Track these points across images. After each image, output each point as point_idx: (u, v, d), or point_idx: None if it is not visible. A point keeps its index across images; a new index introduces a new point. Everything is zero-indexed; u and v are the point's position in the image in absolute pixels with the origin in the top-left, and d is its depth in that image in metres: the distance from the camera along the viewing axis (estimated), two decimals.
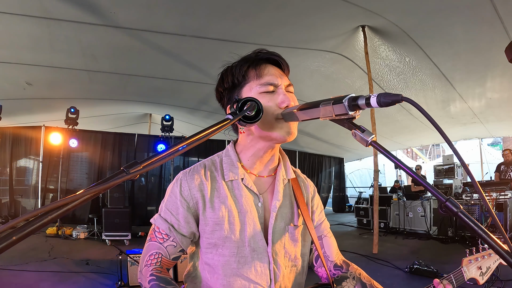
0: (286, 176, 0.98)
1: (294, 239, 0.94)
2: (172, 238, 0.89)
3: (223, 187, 0.90)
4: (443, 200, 0.57)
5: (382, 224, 7.99)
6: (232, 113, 0.75)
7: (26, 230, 0.42)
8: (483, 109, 7.91)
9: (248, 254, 0.87)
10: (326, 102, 0.71)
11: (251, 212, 0.89)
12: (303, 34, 4.87)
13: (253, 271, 0.87)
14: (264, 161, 0.95)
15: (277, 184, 0.95)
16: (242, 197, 0.90)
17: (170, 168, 8.71)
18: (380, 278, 4.21)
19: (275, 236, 0.90)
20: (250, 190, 0.91)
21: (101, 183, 0.49)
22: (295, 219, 0.95)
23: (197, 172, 0.92)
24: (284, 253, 0.91)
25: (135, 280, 3.83)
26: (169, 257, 0.90)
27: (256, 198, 0.91)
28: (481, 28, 4.49)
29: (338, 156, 14.12)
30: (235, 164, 0.93)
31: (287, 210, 0.95)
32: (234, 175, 0.91)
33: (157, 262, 0.89)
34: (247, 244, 0.87)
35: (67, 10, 3.95)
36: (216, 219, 0.87)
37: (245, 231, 0.88)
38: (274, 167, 0.98)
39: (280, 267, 0.90)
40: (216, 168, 0.95)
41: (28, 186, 7.92)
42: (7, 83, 6.16)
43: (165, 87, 6.75)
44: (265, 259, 0.88)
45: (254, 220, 0.89)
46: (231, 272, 0.86)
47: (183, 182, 0.90)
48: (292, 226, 0.94)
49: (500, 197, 5.96)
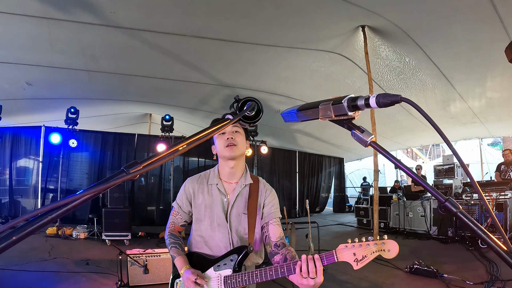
0: (245, 182, 1.56)
1: (242, 221, 1.52)
2: (180, 213, 1.61)
3: (206, 188, 1.57)
4: (442, 200, 0.58)
5: (382, 224, 7.99)
6: (232, 113, 0.75)
7: (26, 230, 0.42)
8: (483, 109, 7.90)
9: (216, 226, 1.51)
10: (325, 102, 0.71)
11: (219, 203, 1.53)
12: (303, 34, 4.87)
13: (219, 236, 1.50)
14: (229, 172, 1.55)
15: (237, 187, 1.55)
16: (214, 195, 1.55)
17: (170, 168, 8.71)
18: (380, 278, 4.22)
19: (232, 218, 1.51)
20: (220, 191, 1.55)
21: (101, 183, 0.49)
22: (244, 209, 1.52)
23: (194, 179, 1.62)
24: (236, 228, 1.51)
25: (135, 280, 3.83)
26: (179, 224, 1.63)
27: (223, 196, 1.54)
28: (481, 28, 4.49)
29: (338, 156, 14.11)
30: (215, 176, 1.58)
31: (240, 203, 1.53)
32: (213, 182, 1.57)
33: (172, 226, 1.63)
34: (215, 221, 1.52)
35: (67, 10, 3.95)
36: (199, 205, 1.56)
37: (214, 213, 1.52)
38: (239, 176, 1.57)
39: (235, 236, 1.50)
40: (206, 176, 1.61)
41: (28, 186, 7.92)
42: (7, 83, 6.16)
43: (165, 87, 6.74)
44: (226, 230, 1.50)
45: (219, 207, 1.52)
46: (207, 235, 1.53)
47: (187, 184, 1.62)
48: (242, 213, 1.52)
49: (500, 197, 5.97)
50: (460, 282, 3.86)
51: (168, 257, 3.99)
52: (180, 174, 9.18)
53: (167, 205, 8.58)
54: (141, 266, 3.82)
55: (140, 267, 3.82)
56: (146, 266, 3.85)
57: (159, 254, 3.97)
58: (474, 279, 3.91)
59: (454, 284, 3.82)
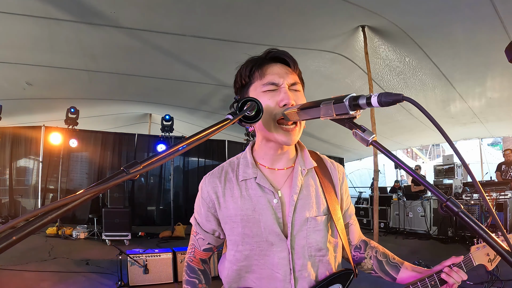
0: (304, 166, 0.98)
1: (318, 229, 0.94)
2: (200, 233, 1.04)
3: (236, 187, 0.95)
4: (444, 200, 0.57)
5: (382, 224, 8.00)
6: (232, 113, 0.74)
7: (26, 230, 0.42)
8: (483, 109, 7.90)
9: (266, 248, 0.91)
10: (326, 101, 0.71)
11: (265, 209, 0.92)
12: (303, 34, 4.86)
13: (271, 264, 0.91)
14: (277, 158, 0.97)
15: (295, 176, 0.95)
16: (255, 196, 0.93)
17: (170, 168, 8.71)
18: (380, 278, 4.21)
19: (295, 228, 0.92)
20: (263, 188, 0.93)
21: (101, 183, 0.49)
22: (318, 209, 0.96)
23: (214, 176, 0.99)
24: (306, 244, 0.93)
25: (135, 280, 3.83)
26: (200, 248, 1.06)
27: (271, 195, 0.93)
28: (481, 27, 4.48)
29: (338, 156, 14.10)
30: (249, 165, 0.96)
31: (309, 201, 0.95)
32: (247, 174, 0.95)
33: (191, 251, 1.08)
34: (264, 239, 0.91)
35: (67, 10, 3.95)
36: (231, 217, 0.94)
37: (260, 227, 0.91)
38: (293, 158, 1.00)
39: (302, 257, 0.92)
40: (233, 170, 0.99)
41: (28, 186, 7.92)
42: (7, 83, 6.16)
43: (165, 87, 6.74)
44: (284, 252, 0.90)
45: (268, 216, 0.91)
46: (253, 262, 0.92)
47: (203, 185, 1.00)
48: (315, 217, 0.94)
49: (500, 197, 5.97)
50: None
51: (168, 257, 4.00)
52: (180, 174, 9.18)
53: (167, 205, 8.58)
54: (141, 266, 3.82)
55: (140, 267, 3.82)
56: (146, 266, 3.85)
57: (159, 254, 3.97)
58: (474, 279, 3.91)
59: None
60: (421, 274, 0.98)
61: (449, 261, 0.99)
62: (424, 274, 0.98)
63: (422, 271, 0.99)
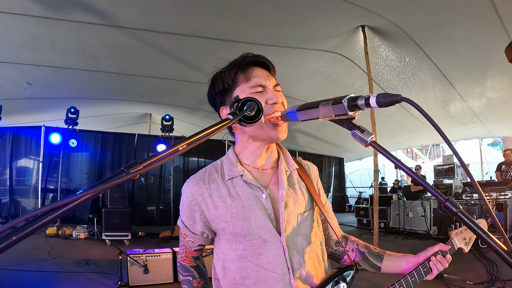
0: (288, 168, 1.01)
1: (308, 225, 0.97)
2: (189, 235, 1.04)
3: (223, 187, 0.95)
4: (442, 200, 0.58)
5: (382, 224, 7.99)
6: (232, 113, 0.75)
7: (26, 230, 0.42)
8: (483, 109, 7.90)
9: (260, 245, 0.90)
10: (325, 102, 0.71)
11: (255, 205, 0.92)
12: (303, 34, 4.86)
13: (267, 262, 0.89)
14: (264, 157, 1.00)
15: (280, 174, 0.98)
16: (243, 193, 0.93)
17: (170, 168, 8.71)
18: (380, 278, 4.21)
19: (288, 224, 0.93)
20: (250, 185, 0.94)
21: (101, 183, 0.49)
22: (306, 205, 0.99)
23: (197, 178, 0.99)
24: (300, 239, 0.94)
25: (135, 280, 3.83)
26: (191, 249, 1.07)
27: (259, 191, 0.93)
28: (481, 28, 4.48)
29: (338, 156, 14.11)
30: (234, 163, 0.98)
31: (296, 197, 0.97)
32: (233, 173, 0.96)
33: (183, 252, 1.09)
34: (257, 237, 0.90)
35: (67, 10, 3.95)
36: (221, 216, 0.93)
37: (251, 224, 0.90)
38: (276, 160, 1.03)
39: (298, 254, 0.92)
40: (217, 170, 1.00)
41: (28, 186, 7.93)
42: (7, 83, 6.16)
43: (165, 87, 6.74)
44: (279, 249, 0.90)
45: (258, 212, 0.91)
46: (246, 265, 0.90)
47: (186, 189, 0.99)
48: (303, 213, 0.97)
49: (500, 197, 5.96)
50: (460, 282, 3.85)
51: (168, 257, 4.00)
52: (180, 174, 9.18)
53: (167, 205, 8.59)
54: (141, 266, 3.82)
55: (140, 267, 3.83)
56: (146, 266, 3.85)
57: (159, 254, 3.97)
58: (474, 279, 3.91)
59: (454, 284, 3.82)
60: (404, 258, 1.04)
61: (437, 247, 1.06)
62: (407, 258, 1.04)
63: (404, 255, 1.05)
